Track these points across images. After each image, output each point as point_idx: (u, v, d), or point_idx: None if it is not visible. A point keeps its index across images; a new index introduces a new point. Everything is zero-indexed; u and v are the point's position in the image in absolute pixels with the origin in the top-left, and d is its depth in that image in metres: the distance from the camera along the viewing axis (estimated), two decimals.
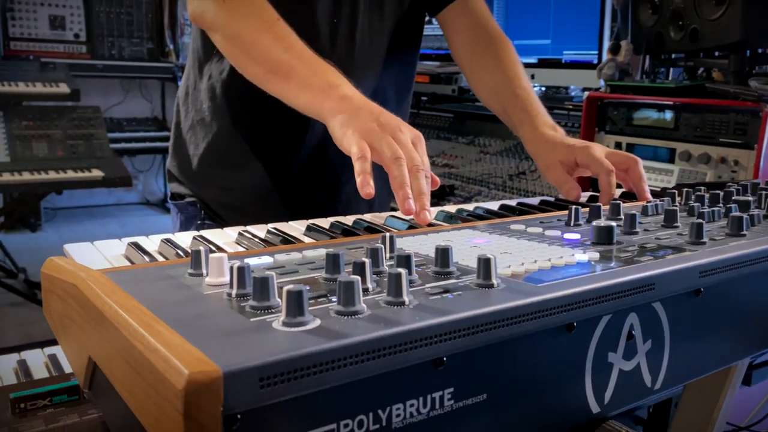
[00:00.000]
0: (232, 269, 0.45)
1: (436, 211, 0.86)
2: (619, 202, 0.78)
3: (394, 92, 1.22)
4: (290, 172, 1.15)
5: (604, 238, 0.63)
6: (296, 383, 0.35)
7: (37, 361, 0.79)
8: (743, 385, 1.02)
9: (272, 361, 0.34)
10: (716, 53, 1.91)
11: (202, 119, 1.15)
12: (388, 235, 0.58)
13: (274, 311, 0.41)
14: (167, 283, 0.49)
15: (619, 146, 2.10)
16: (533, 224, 0.71)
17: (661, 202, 0.83)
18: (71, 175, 3.04)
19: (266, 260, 0.56)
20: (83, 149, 3.17)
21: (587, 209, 0.76)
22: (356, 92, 0.88)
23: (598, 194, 1.00)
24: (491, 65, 1.19)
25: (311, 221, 0.81)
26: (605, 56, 2.21)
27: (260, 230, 0.77)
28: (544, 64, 2.67)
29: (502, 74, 1.18)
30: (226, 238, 0.76)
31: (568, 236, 0.66)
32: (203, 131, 1.15)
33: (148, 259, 0.64)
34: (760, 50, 1.82)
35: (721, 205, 0.83)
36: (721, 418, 0.81)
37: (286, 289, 0.39)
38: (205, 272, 0.50)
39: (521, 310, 0.44)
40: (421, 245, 0.62)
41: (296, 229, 0.80)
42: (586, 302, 0.48)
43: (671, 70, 2.17)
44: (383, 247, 0.53)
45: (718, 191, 0.88)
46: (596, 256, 0.57)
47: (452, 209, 0.90)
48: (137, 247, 0.68)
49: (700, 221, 0.64)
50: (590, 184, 1.56)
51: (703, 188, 0.92)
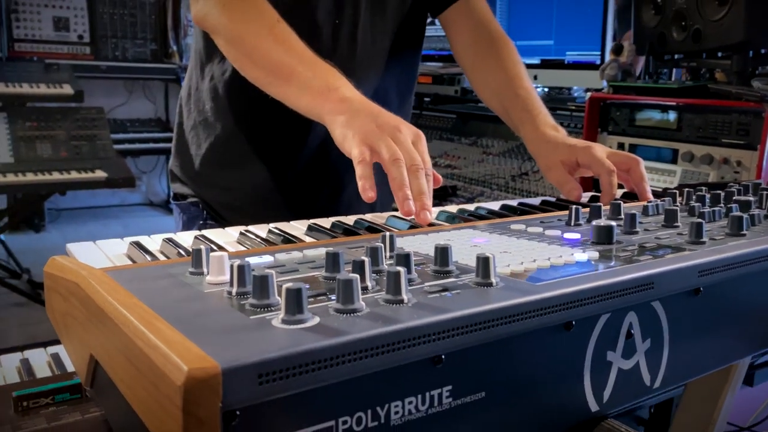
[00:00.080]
0: (232, 268, 0.45)
1: (437, 211, 0.86)
2: (619, 202, 0.78)
3: (396, 93, 1.23)
4: (292, 172, 1.16)
5: (603, 237, 0.63)
6: (295, 380, 0.35)
7: (39, 360, 0.79)
8: (745, 385, 1.01)
9: (271, 357, 0.34)
10: (719, 54, 1.90)
11: (204, 120, 1.15)
12: (388, 234, 0.58)
13: (273, 309, 0.41)
14: (168, 281, 0.49)
15: (621, 147, 2.10)
16: (534, 224, 0.72)
17: (661, 202, 0.83)
18: (75, 175, 3.05)
19: (267, 259, 0.56)
20: (87, 150, 3.18)
21: (588, 209, 0.77)
22: (356, 93, 0.88)
23: (599, 194, 1.01)
24: (493, 65, 1.19)
25: (312, 221, 0.81)
26: (608, 57, 2.21)
27: (261, 230, 0.77)
28: (546, 64, 2.67)
29: (503, 74, 1.18)
30: (227, 237, 0.76)
31: (568, 236, 0.66)
32: (205, 132, 1.15)
33: (149, 258, 0.64)
34: (763, 51, 1.82)
35: (722, 205, 0.83)
36: (721, 417, 0.81)
37: (285, 287, 0.39)
38: (205, 271, 0.50)
39: (519, 308, 0.44)
40: (421, 245, 0.62)
41: (297, 228, 0.80)
42: (584, 301, 0.48)
43: (674, 70, 2.17)
44: (383, 246, 0.53)
45: (719, 191, 0.88)
46: (596, 255, 0.57)
47: (453, 209, 0.90)
48: (139, 246, 0.68)
49: (699, 221, 0.65)
50: (592, 184, 1.56)
51: (704, 188, 0.92)
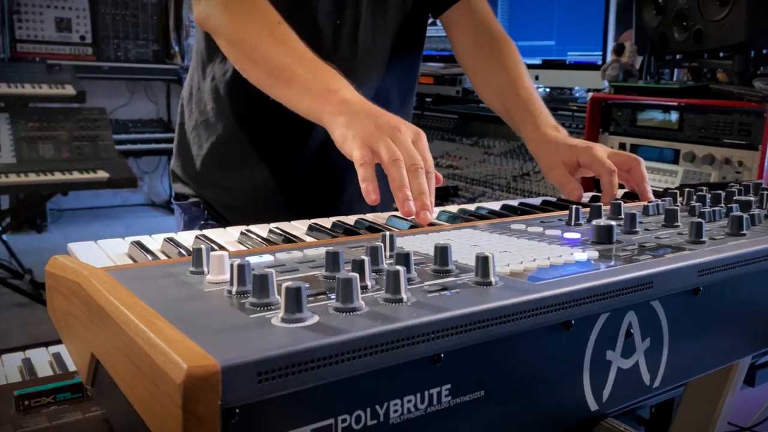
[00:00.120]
0: (232, 267, 0.45)
1: (437, 211, 0.86)
2: (619, 201, 0.78)
3: (397, 93, 1.23)
4: (293, 172, 1.16)
5: (603, 237, 0.63)
6: (294, 378, 0.35)
7: (41, 359, 0.79)
8: (747, 386, 1.01)
9: (270, 356, 0.34)
10: (720, 54, 1.90)
11: (205, 120, 1.15)
12: (388, 234, 0.58)
13: (273, 308, 0.42)
14: (169, 280, 0.49)
15: (623, 147, 2.10)
16: (534, 224, 0.72)
17: (662, 202, 0.83)
18: (77, 176, 3.06)
19: (267, 259, 0.56)
20: (89, 151, 3.19)
21: (588, 209, 0.77)
22: (356, 95, 0.88)
23: (600, 195, 1.01)
24: (494, 66, 1.19)
25: (313, 221, 0.81)
26: (609, 57, 2.21)
27: (262, 230, 0.78)
28: (548, 65, 2.67)
29: (505, 75, 1.18)
30: (228, 237, 0.76)
31: (568, 235, 0.66)
32: (207, 132, 1.15)
33: (150, 257, 0.65)
34: (764, 51, 1.82)
35: (722, 205, 0.83)
36: (722, 417, 0.81)
37: (284, 286, 0.39)
38: (206, 270, 0.51)
39: (518, 307, 0.44)
40: (421, 244, 0.62)
41: (298, 228, 0.80)
42: (583, 300, 0.48)
43: (675, 71, 2.17)
44: (383, 245, 0.53)
45: (719, 191, 0.88)
46: (595, 255, 0.58)
47: (454, 209, 0.90)
48: (140, 246, 0.68)
49: (699, 221, 0.65)
50: (593, 184, 1.56)
51: (705, 188, 0.92)
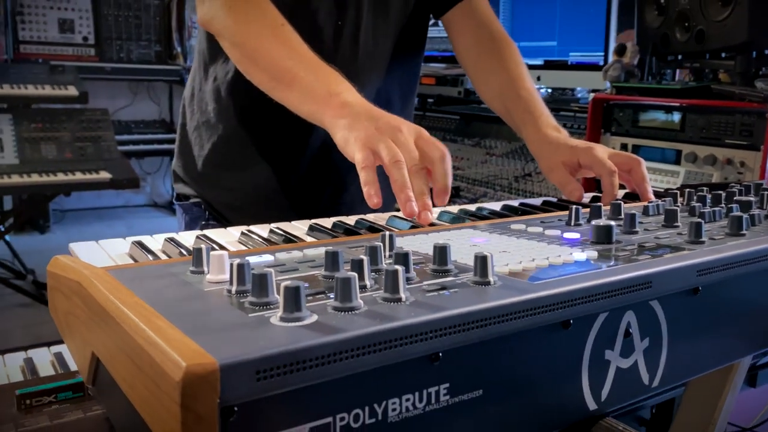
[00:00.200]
0: (232, 266, 0.46)
1: (438, 211, 0.87)
2: (620, 202, 0.78)
3: (398, 94, 1.23)
4: (294, 173, 1.16)
5: (603, 237, 0.63)
6: (292, 376, 0.35)
7: (43, 359, 0.80)
8: (749, 386, 1.01)
9: (268, 354, 0.35)
10: (722, 54, 1.90)
11: (207, 120, 1.16)
12: (387, 233, 0.58)
13: (272, 307, 0.42)
14: (169, 280, 0.49)
15: (625, 148, 2.10)
16: (534, 224, 0.72)
17: (662, 202, 0.83)
18: (79, 177, 3.06)
19: (267, 258, 0.56)
20: (91, 151, 3.20)
21: (588, 209, 0.77)
22: (358, 98, 0.88)
23: (601, 195, 1.01)
24: (495, 67, 1.19)
25: (314, 221, 0.82)
26: (611, 58, 2.21)
27: (263, 230, 0.78)
28: (550, 65, 2.68)
29: (506, 75, 1.18)
30: (229, 237, 0.77)
31: (567, 236, 0.66)
32: (208, 132, 1.16)
33: (151, 257, 0.65)
34: (766, 51, 1.82)
35: (722, 205, 0.83)
36: (722, 417, 0.81)
37: (283, 285, 0.40)
38: (206, 270, 0.51)
39: (517, 306, 0.44)
40: (421, 244, 0.62)
41: (299, 228, 0.80)
42: (582, 300, 0.48)
43: (677, 71, 2.17)
44: (382, 245, 0.54)
45: (720, 192, 0.88)
46: (594, 254, 0.58)
47: (455, 210, 0.90)
48: (141, 246, 0.68)
49: (699, 221, 0.65)
50: (595, 185, 1.56)
51: (705, 189, 0.92)
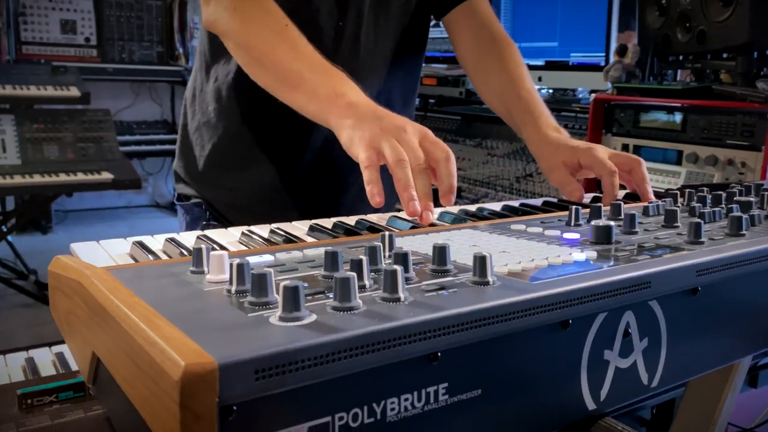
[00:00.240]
0: (231, 266, 0.46)
1: (439, 211, 0.87)
2: (620, 202, 0.78)
3: (399, 95, 1.23)
4: (295, 173, 1.16)
5: (602, 237, 0.63)
6: (291, 376, 0.36)
7: (44, 359, 0.80)
8: (750, 387, 1.01)
9: (267, 354, 0.35)
10: (724, 55, 1.90)
11: (207, 121, 1.16)
12: (387, 234, 0.58)
13: (271, 307, 0.42)
14: (169, 280, 0.50)
15: (626, 148, 2.10)
16: (534, 224, 0.72)
17: (662, 202, 0.83)
18: (81, 177, 3.07)
19: (267, 258, 0.57)
20: (93, 152, 3.21)
21: (588, 210, 0.77)
22: (363, 98, 0.89)
23: (601, 195, 1.01)
24: (495, 67, 1.19)
25: (314, 221, 0.82)
26: (612, 58, 2.21)
27: (263, 230, 0.78)
28: (551, 66, 2.68)
29: (506, 76, 1.18)
30: (229, 237, 0.77)
31: (567, 236, 0.66)
32: (209, 133, 1.16)
33: (151, 257, 0.65)
34: (767, 52, 1.82)
35: (723, 205, 0.83)
36: (722, 417, 0.81)
37: (282, 285, 0.40)
38: (206, 270, 0.51)
39: (515, 306, 0.45)
40: (421, 244, 0.62)
41: (299, 229, 0.80)
42: (581, 300, 0.48)
43: (678, 72, 2.17)
44: (382, 245, 0.54)
45: (720, 192, 0.88)
46: (594, 255, 0.58)
47: (455, 210, 0.90)
48: (142, 246, 0.69)
49: (698, 221, 0.65)
50: (596, 186, 1.56)
51: (706, 189, 0.92)
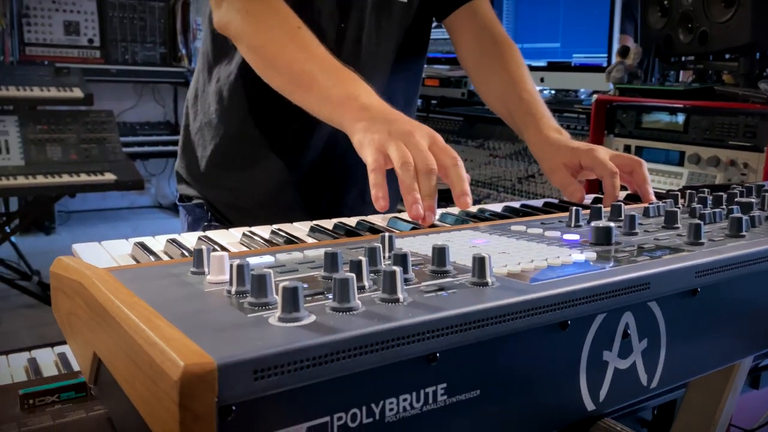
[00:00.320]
0: (231, 267, 0.46)
1: (440, 212, 0.87)
2: (620, 203, 0.78)
3: (401, 96, 1.23)
4: (296, 174, 1.17)
5: (602, 238, 0.63)
6: (290, 376, 0.36)
7: (47, 359, 0.80)
8: (751, 388, 1.01)
9: (266, 354, 0.35)
10: (726, 56, 1.90)
11: (209, 121, 1.16)
12: (387, 234, 0.59)
13: (271, 307, 0.42)
14: (169, 280, 0.50)
15: (628, 149, 2.09)
16: (534, 225, 0.72)
17: (663, 203, 0.83)
18: (84, 178, 3.08)
19: (267, 259, 0.57)
20: (96, 153, 3.22)
21: (589, 211, 0.77)
22: (376, 100, 0.89)
23: (602, 196, 1.01)
24: (497, 69, 1.20)
25: (315, 222, 0.82)
26: (614, 59, 2.21)
27: (264, 231, 0.78)
28: (553, 67, 2.67)
29: (507, 77, 1.18)
30: (230, 238, 0.77)
31: (567, 237, 0.66)
32: (210, 133, 1.16)
33: (153, 258, 0.65)
34: None
35: (723, 206, 0.83)
36: (723, 418, 0.80)
37: (282, 285, 0.40)
38: (206, 270, 0.51)
39: (514, 307, 0.45)
40: (421, 245, 0.62)
41: (300, 230, 0.81)
42: (579, 300, 0.48)
43: (680, 72, 2.16)
44: (382, 246, 0.54)
45: (721, 193, 0.88)
46: (593, 256, 0.58)
47: (456, 211, 0.90)
48: (143, 247, 0.69)
49: (698, 222, 0.65)
50: (598, 187, 1.56)
51: (707, 190, 0.92)
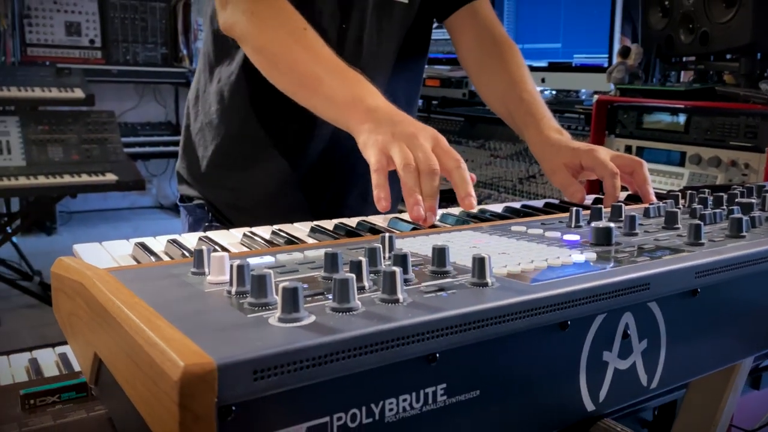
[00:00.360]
0: (232, 267, 0.46)
1: (440, 213, 0.87)
2: (620, 203, 0.78)
3: (402, 97, 1.23)
4: (297, 174, 1.17)
5: (602, 239, 0.63)
6: (289, 376, 0.36)
7: (48, 359, 0.80)
8: (753, 389, 1.01)
9: (265, 354, 0.35)
10: (727, 56, 1.90)
11: (210, 122, 1.16)
12: (387, 235, 0.59)
13: (271, 308, 0.42)
14: (170, 281, 0.50)
15: (629, 150, 2.09)
16: (534, 226, 0.72)
17: (663, 204, 0.83)
18: (86, 178, 3.08)
19: (268, 260, 0.57)
20: (98, 153, 3.22)
21: (589, 211, 0.77)
22: (381, 102, 0.90)
23: (603, 197, 1.01)
24: (497, 69, 1.20)
25: (315, 223, 0.82)
26: (615, 60, 2.21)
27: (265, 231, 0.78)
28: (554, 67, 2.67)
29: (508, 78, 1.18)
30: (231, 239, 0.77)
31: (567, 237, 0.66)
32: (211, 134, 1.16)
33: (153, 259, 0.65)
34: None
35: (724, 207, 0.83)
36: (724, 419, 0.80)
37: (281, 286, 0.40)
38: (207, 271, 0.51)
39: (514, 308, 0.45)
40: (421, 246, 0.62)
41: (301, 230, 0.81)
42: (579, 301, 0.48)
43: (681, 73, 2.16)
44: (382, 247, 0.54)
45: (722, 194, 0.88)
46: (593, 256, 0.58)
47: (457, 212, 0.90)
48: (144, 247, 0.69)
49: (698, 222, 0.65)
50: (598, 187, 1.56)
51: (707, 191, 0.92)
